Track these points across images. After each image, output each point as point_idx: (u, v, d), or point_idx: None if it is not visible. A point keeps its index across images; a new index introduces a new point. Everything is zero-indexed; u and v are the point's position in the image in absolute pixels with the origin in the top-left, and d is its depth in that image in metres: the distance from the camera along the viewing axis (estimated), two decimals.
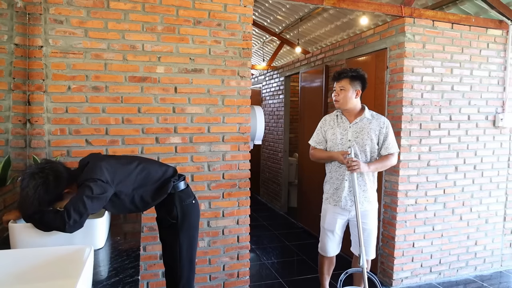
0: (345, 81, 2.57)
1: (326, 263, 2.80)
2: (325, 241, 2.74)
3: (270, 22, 5.97)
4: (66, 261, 1.34)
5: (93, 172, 1.71)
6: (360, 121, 2.60)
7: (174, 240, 2.09)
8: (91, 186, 1.64)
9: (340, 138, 2.62)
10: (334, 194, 2.65)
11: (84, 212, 1.57)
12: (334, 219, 2.67)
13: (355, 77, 2.57)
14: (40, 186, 1.58)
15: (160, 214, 2.14)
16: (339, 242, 2.74)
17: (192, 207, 2.13)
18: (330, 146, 2.67)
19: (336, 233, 2.70)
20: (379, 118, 2.61)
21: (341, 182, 2.62)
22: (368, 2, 3.10)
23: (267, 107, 6.52)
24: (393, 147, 2.59)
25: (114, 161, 1.90)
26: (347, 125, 2.62)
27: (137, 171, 1.93)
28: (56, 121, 2.45)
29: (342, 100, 2.58)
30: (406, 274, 3.33)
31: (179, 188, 2.07)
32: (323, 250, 2.76)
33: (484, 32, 3.40)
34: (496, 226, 3.63)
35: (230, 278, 2.94)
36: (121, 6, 2.52)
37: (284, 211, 5.94)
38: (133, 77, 2.58)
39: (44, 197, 1.59)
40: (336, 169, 2.65)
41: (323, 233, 2.75)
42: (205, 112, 2.76)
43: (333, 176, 2.67)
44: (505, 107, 3.51)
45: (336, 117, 2.70)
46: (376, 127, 2.57)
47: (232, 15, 2.77)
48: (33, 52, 2.35)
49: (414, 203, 3.28)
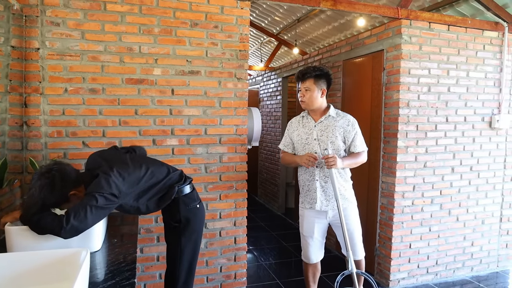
0: (309, 81, 2.52)
1: (310, 270, 2.69)
2: (306, 248, 2.65)
3: (268, 23, 5.98)
4: (62, 264, 1.34)
5: (101, 185, 1.67)
6: (325, 120, 2.55)
7: (175, 243, 2.10)
8: (97, 197, 1.62)
9: (305, 138, 2.57)
10: (307, 195, 2.59)
11: (83, 220, 1.55)
12: (311, 224, 2.59)
13: (320, 76, 2.52)
14: (45, 186, 1.58)
15: (164, 216, 2.16)
16: (321, 247, 2.65)
17: (196, 211, 2.12)
18: (296, 148, 2.63)
19: (316, 239, 2.60)
20: (344, 116, 2.57)
21: (311, 183, 2.55)
22: (365, 4, 3.11)
23: (265, 108, 6.53)
24: (361, 146, 2.55)
25: (123, 168, 1.82)
26: (312, 125, 2.57)
27: (145, 179, 1.90)
28: (53, 123, 2.45)
29: (308, 101, 2.54)
30: (403, 275, 3.34)
31: (183, 193, 2.06)
32: (306, 256, 2.67)
33: (480, 34, 3.41)
34: (493, 227, 3.64)
35: (227, 279, 2.95)
36: (118, 8, 2.52)
37: (282, 212, 5.95)
38: (130, 79, 2.58)
39: (49, 198, 1.59)
40: (305, 170, 2.59)
41: (303, 239, 2.66)
42: (202, 114, 2.77)
43: (304, 178, 2.61)
44: (501, 108, 3.52)
45: (302, 118, 2.65)
46: (342, 125, 2.52)
47: (229, 17, 2.77)
48: (29, 54, 2.36)
49: (411, 204, 3.30)
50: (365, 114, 3.56)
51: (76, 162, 2.48)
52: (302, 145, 2.58)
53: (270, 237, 4.76)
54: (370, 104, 3.52)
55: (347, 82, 3.90)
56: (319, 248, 2.64)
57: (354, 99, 3.82)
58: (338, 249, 3.84)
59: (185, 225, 2.07)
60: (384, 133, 3.35)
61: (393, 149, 3.24)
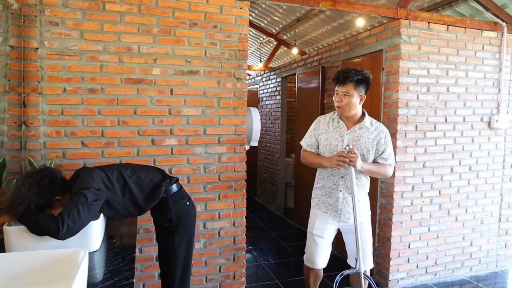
0: (350, 85, 2.29)
1: (312, 276, 2.49)
2: (312, 250, 2.44)
3: (267, 23, 5.98)
4: (60, 264, 1.34)
5: (85, 181, 1.73)
6: (358, 129, 2.36)
7: (168, 243, 2.10)
8: (85, 193, 1.65)
9: (335, 144, 2.37)
10: (326, 202, 2.43)
11: (77, 220, 1.57)
12: (325, 224, 2.42)
13: (361, 81, 2.30)
14: (34, 186, 1.60)
15: (154, 217, 2.15)
16: (328, 252, 2.46)
17: (186, 209, 2.13)
18: (322, 152, 2.44)
19: (326, 241, 2.42)
20: (378, 127, 2.38)
21: (334, 191, 2.39)
22: (364, 4, 3.11)
23: (264, 108, 6.53)
24: (391, 159, 2.39)
25: (104, 172, 1.89)
26: (343, 131, 2.37)
27: (126, 177, 1.93)
28: (52, 123, 2.44)
29: (345, 107, 2.32)
30: (402, 275, 3.34)
31: (171, 191, 2.07)
32: (310, 260, 2.45)
33: (479, 34, 3.41)
34: (492, 227, 3.65)
35: (226, 279, 2.95)
36: (116, 8, 2.52)
37: (281, 212, 5.95)
38: (129, 79, 2.58)
39: (35, 199, 1.59)
40: (328, 177, 2.42)
41: (311, 240, 2.46)
42: (201, 114, 2.76)
43: (326, 184, 2.44)
44: (500, 108, 3.52)
45: (332, 121, 2.45)
46: (375, 138, 2.35)
47: (228, 17, 2.77)
48: (28, 54, 2.35)
49: (410, 204, 3.30)
50: None
51: (75, 162, 2.48)
52: (329, 151, 2.38)
53: (269, 237, 4.76)
54: (369, 104, 3.52)
55: None
56: (327, 252, 2.46)
57: None
58: (337, 249, 3.84)
59: (177, 224, 2.07)
60: None
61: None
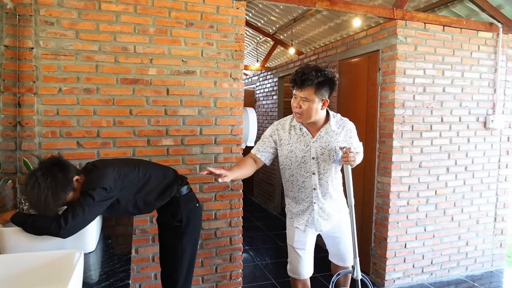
0: (309, 89, 1.97)
1: (301, 286, 2.31)
2: (296, 262, 2.25)
3: (264, 23, 5.97)
4: (55, 266, 1.34)
5: (98, 179, 1.70)
6: (325, 134, 2.10)
7: (177, 243, 2.10)
8: (93, 194, 1.64)
9: (301, 156, 2.11)
10: (301, 218, 2.21)
11: (81, 220, 1.57)
12: (304, 236, 2.22)
13: (323, 83, 1.98)
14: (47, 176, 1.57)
15: (163, 216, 2.14)
16: (312, 260, 2.30)
17: (196, 211, 2.16)
18: (285, 164, 2.18)
19: (308, 251, 2.25)
20: (345, 126, 2.16)
21: (308, 205, 2.18)
22: (361, 4, 3.12)
23: (261, 107, 6.53)
24: (359, 148, 2.25)
25: (121, 166, 1.87)
26: (308, 140, 2.11)
27: (140, 176, 1.93)
28: (47, 123, 2.43)
29: (305, 114, 2.03)
30: (398, 274, 3.35)
31: (183, 193, 2.09)
32: (296, 272, 2.27)
33: (475, 35, 3.43)
34: (487, 226, 3.66)
35: (222, 280, 2.94)
36: (112, 8, 2.50)
37: (278, 211, 5.95)
38: (125, 79, 2.57)
39: (58, 186, 1.57)
40: (299, 190, 2.17)
41: (292, 253, 2.27)
42: (197, 114, 2.76)
43: (297, 197, 2.20)
44: (496, 108, 3.54)
45: (293, 128, 2.15)
46: (344, 138, 2.14)
47: (225, 17, 2.76)
48: (23, 53, 2.33)
49: (406, 204, 3.31)
50: (360, 115, 3.56)
51: (71, 163, 2.46)
52: (296, 164, 2.14)
53: (266, 237, 4.76)
54: (365, 104, 3.53)
55: (343, 82, 3.90)
56: (310, 261, 2.29)
57: (350, 99, 3.82)
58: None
59: (187, 224, 2.08)
60: (379, 133, 3.36)
61: (388, 149, 3.24)
